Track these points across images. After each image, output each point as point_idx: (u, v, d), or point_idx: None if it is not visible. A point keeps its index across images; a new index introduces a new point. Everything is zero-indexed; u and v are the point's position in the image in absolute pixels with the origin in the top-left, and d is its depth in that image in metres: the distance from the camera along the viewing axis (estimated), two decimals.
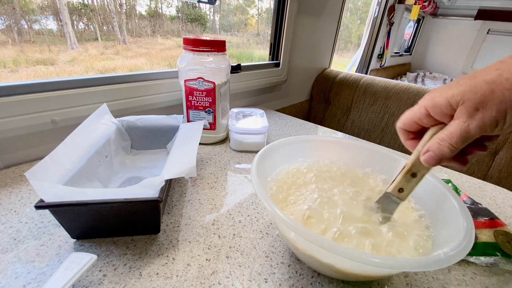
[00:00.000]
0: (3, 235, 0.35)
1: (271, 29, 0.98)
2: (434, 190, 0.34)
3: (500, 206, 0.51)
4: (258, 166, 0.34)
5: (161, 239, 0.36)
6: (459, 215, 0.28)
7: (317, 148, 0.44)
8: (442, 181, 0.34)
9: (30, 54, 0.70)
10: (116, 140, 0.50)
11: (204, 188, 0.48)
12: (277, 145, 0.40)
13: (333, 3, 1.13)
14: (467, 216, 0.28)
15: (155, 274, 0.31)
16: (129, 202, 0.31)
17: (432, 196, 0.34)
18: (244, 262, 0.34)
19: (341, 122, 1.20)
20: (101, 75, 0.59)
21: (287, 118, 0.90)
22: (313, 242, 0.23)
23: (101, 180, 0.43)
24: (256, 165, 0.33)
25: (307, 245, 0.28)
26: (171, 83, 0.67)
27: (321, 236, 0.24)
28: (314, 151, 0.44)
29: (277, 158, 0.40)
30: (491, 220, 0.41)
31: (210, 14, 1.09)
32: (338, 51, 1.47)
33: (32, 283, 0.29)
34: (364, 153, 0.43)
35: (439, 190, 0.33)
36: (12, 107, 0.46)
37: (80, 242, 0.35)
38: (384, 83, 1.10)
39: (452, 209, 0.30)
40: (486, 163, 0.90)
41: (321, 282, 0.32)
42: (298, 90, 1.23)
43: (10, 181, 0.46)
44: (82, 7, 0.84)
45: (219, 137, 0.66)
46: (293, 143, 0.42)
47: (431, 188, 0.34)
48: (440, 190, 0.33)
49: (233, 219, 0.41)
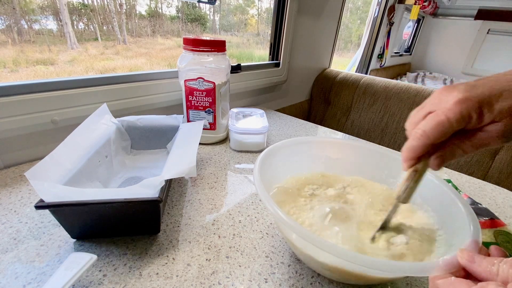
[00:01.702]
0: (3, 235, 0.35)
1: (271, 29, 0.98)
2: (442, 195, 0.33)
3: (500, 206, 0.51)
4: (261, 164, 0.34)
5: (161, 239, 0.36)
6: (466, 221, 0.27)
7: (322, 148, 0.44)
8: (451, 186, 0.33)
9: (30, 54, 0.70)
10: (116, 140, 0.50)
11: (204, 188, 0.48)
12: (280, 145, 0.40)
13: (333, 3, 1.13)
14: (474, 223, 0.27)
15: (155, 274, 0.31)
16: (129, 202, 0.31)
17: (439, 199, 0.33)
18: (244, 262, 0.34)
19: (341, 122, 1.20)
20: (101, 75, 0.59)
21: (287, 118, 0.90)
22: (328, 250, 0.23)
23: (101, 180, 0.43)
24: (260, 163, 0.34)
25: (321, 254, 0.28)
26: (171, 83, 0.67)
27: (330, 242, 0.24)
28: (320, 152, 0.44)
29: (281, 159, 0.40)
30: (491, 220, 0.41)
31: (210, 14, 1.09)
32: (338, 51, 1.47)
33: (32, 283, 0.29)
34: (360, 152, 0.43)
35: (447, 195, 0.32)
36: (12, 107, 0.46)
37: (80, 242, 0.35)
38: (384, 83, 1.10)
39: (460, 214, 0.29)
40: (486, 163, 0.90)
41: (321, 282, 0.32)
42: (298, 90, 1.23)
43: (10, 181, 0.46)
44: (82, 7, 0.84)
45: (219, 137, 0.66)
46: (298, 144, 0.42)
47: (439, 191, 0.34)
48: (447, 194, 0.32)
49: (233, 219, 0.41)
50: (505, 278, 0.18)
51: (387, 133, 1.08)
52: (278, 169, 0.39)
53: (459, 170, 0.66)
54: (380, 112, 1.09)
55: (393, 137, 1.06)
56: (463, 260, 0.21)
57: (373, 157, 0.42)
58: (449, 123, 0.23)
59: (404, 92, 1.03)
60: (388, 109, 1.07)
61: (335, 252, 0.22)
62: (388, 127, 1.07)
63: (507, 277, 0.18)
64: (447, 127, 0.23)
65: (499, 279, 0.18)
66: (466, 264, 0.21)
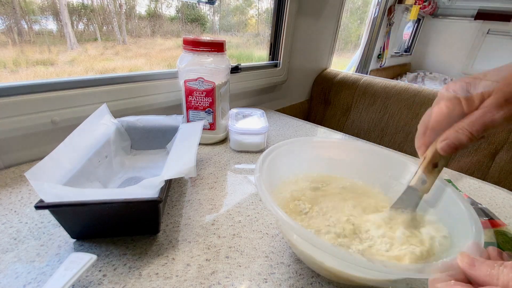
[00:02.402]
0: (3, 235, 0.35)
1: (270, 29, 0.98)
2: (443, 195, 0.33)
3: (500, 206, 0.51)
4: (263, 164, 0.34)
5: (161, 239, 0.36)
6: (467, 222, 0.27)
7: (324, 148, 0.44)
8: (451, 186, 0.33)
9: (30, 54, 0.70)
10: (116, 140, 0.50)
11: (204, 188, 0.48)
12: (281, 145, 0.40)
13: (333, 4, 1.13)
14: (477, 225, 0.26)
15: (155, 274, 0.31)
16: (129, 202, 0.31)
17: (440, 199, 0.33)
18: (244, 262, 0.34)
19: (341, 122, 1.20)
20: (101, 75, 0.59)
21: (287, 118, 0.90)
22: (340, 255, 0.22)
23: (101, 180, 0.43)
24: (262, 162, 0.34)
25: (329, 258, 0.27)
26: (171, 83, 0.67)
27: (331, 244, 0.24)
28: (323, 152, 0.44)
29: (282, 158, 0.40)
30: (491, 220, 0.41)
31: (210, 15, 1.09)
32: (337, 51, 1.47)
33: (32, 283, 0.29)
34: (361, 153, 0.43)
35: (448, 195, 0.32)
36: (12, 107, 0.46)
37: (80, 242, 0.35)
38: (384, 83, 1.10)
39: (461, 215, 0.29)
40: (486, 163, 0.90)
41: (320, 282, 0.32)
42: (298, 90, 1.23)
43: (10, 181, 0.46)
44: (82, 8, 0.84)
45: (219, 137, 0.66)
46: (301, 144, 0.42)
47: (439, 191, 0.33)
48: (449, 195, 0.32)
49: (232, 219, 0.41)
50: (506, 282, 0.18)
51: (387, 133, 1.08)
52: (279, 169, 0.39)
53: (459, 170, 0.66)
54: (380, 112, 1.09)
55: (393, 137, 1.06)
56: (463, 263, 0.21)
57: (376, 158, 0.42)
58: (441, 111, 0.26)
59: (404, 92, 1.03)
60: (388, 109, 1.07)
61: (335, 252, 0.22)
62: (388, 127, 1.07)
63: (508, 282, 0.18)
64: (439, 114, 0.26)
65: (499, 283, 0.18)
66: (466, 268, 0.20)
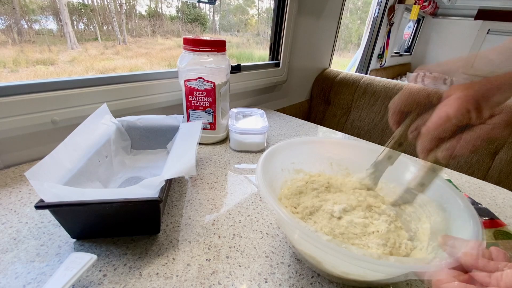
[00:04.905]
0: (3, 235, 0.35)
1: (271, 29, 0.98)
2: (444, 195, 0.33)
3: (500, 206, 0.51)
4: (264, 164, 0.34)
5: (161, 239, 0.36)
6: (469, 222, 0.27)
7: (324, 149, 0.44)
8: (452, 186, 0.33)
9: (30, 54, 0.70)
10: (116, 140, 0.50)
11: (204, 188, 0.48)
12: (281, 145, 0.40)
13: (333, 3, 1.13)
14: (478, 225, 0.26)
15: (155, 274, 0.31)
16: (129, 202, 0.31)
17: (441, 199, 0.33)
18: (244, 262, 0.34)
19: (341, 122, 1.20)
20: (101, 75, 0.58)
21: (287, 118, 0.90)
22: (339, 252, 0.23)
23: (101, 180, 0.43)
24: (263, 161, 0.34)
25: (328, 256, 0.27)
26: (171, 83, 0.67)
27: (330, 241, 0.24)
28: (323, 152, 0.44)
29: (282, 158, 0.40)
30: (491, 220, 0.41)
31: (210, 14, 1.09)
32: (338, 51, 1.47)
33: (32, 283, 0.29)
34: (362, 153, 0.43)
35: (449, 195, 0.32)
36: (12, 107, 0.46)
37: (80, 242, 0.35)
38: (384, 83, 1.10)
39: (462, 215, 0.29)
40: (486, 163, 0.90)
41: (321, 282, 0.32)
42: (298, 90, 1.23)
43: (10, 181, 0.46)
44: (82, 7, 0.84)
45: (219, 137, 0.66)
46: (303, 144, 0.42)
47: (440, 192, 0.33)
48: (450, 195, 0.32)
49: (233, 219, 0.41)
50: (509, 283, 0.18)
51: (387, 133, 1.08)
52: (279, 169, 0.39)
53: (459, 170, 0.66)
54: (380, 112, 1.09)
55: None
56: (467, 263, 0.21)
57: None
58: (447, 118, 0.25)
59: None
60: (388, 109, 1.06)
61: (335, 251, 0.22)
62: (388, 127, 1.07)
63: (511, 282, 0.18)
64: (445, 120, 0.25)
65: (502, 284, 0.18)
66: (470, 268, 0.20)
